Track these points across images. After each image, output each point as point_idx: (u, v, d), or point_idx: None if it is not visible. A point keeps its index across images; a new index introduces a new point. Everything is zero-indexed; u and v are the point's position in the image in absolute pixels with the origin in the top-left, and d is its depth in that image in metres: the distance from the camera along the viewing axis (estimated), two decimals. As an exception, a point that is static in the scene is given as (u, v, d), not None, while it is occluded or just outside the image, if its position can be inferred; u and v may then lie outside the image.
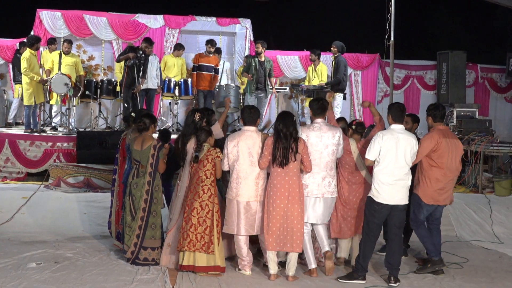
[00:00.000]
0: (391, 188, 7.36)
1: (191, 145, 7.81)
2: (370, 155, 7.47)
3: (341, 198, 8.03)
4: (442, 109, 8.19)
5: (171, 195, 8.52)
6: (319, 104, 7.89)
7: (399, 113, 7.59)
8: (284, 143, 7.42)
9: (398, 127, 7.53)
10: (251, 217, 7.64)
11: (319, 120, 7.83)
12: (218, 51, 14.91)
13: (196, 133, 7.79)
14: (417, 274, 7.99)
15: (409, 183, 7.51)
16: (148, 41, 13.27)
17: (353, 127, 8.24)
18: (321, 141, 7.66)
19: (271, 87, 14.02)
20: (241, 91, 14.26)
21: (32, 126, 12.94)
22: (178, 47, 15.03)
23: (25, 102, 13.04)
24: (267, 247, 7.53)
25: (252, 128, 7.75)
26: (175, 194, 8.08)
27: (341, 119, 9.03)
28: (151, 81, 13.80)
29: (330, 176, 7.72)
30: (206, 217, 7.52)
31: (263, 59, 13.52)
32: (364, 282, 7.53)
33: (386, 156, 7.36)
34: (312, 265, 7.74)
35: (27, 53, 12.84)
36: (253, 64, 13.44)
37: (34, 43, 12.97)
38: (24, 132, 12.79)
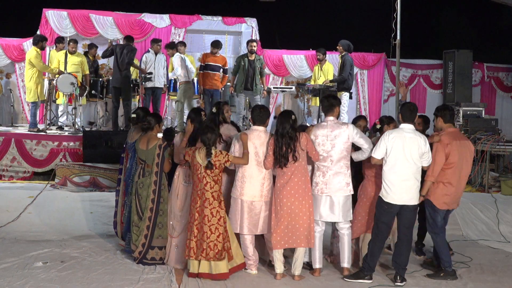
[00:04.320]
0: (399, 187, 7.34)
1: (198, 149, 7.57)
2: (376, 153, 7.46)
3: (367, 196, 8.02)
4: (452, 109, 8.17)
5: None
6: (328, 102, 7.89)
7: (408, 113, 7.56)
8: (281, 142, 7.43)
9: (407, 127, 7.50)
10: (255, 216, 7.63)
11: (329, 118, 7.81)
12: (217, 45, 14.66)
13: (201, 136, 7.47)
14: (422, 274, 7.98)
15: (419, 183, 7.46)
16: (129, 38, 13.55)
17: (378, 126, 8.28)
18: (327, 140, 7.64)
19: (261, 86, 13.77)
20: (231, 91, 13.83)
21: (32, 125, 13.02)
22: (178, 45, 14.98)
23: (31, 99, 13.06)
24: (275, 246, 7.51)
25: (261, 128, 7.73)
26: (173, 195, 8.04)
27: (361, 117, 9.00)
28: (158, 80, 13.82)
29: (341, 173, 7.67)
30: (218, 224, 7.39)
31: (253, 58, 13.38)
32: (370, 281, 7.52)
33: (393, 155, 7.35)
34: (317, 265, 7.74)
35: (33, 51, 12.89)
36: (242, 64, 13.28)
37: (39, 41, 13.03)
38: (29, 131, 12.81)
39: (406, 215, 7.46)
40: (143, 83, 13.69)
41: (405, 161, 7.33)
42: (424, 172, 7.65)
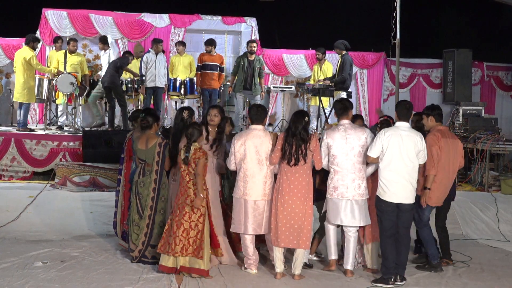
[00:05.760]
0: (395, 185, 7.35)
1: (182, 144, 7.66)
2: (372, 152, 7.49)
3: None
4: (440, 109, 8.32)
5: None
6: (341, 105, 7.92)
7: (405, 111, 7.61)
8: (293, 141, 7.43)
9: (402, 125, 7.53)
10: (259, 216, 7.63)
11: (344, 121, 7.83)
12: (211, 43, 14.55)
13: (186, 132, 7.56)
14: (423, 273, 8.00)
15: (415, 181, 7.48)
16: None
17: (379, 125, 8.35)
18: (346, 143, 7.65)
19: (260, 86, 13.74)
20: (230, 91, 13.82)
21: (24, 125, 13.05)
22: (177, 45, 15.03)
23: (25, 100, 13.08)
24: (274, 243, 7.53)
25: (260, 126, 7.74)
26: (171, 194, 8.05)
27: (358, 117, 9.09)
28: (159, 79, 13.83)
29: (359, 178, 7.68)
30: (198, 221, 7.40)
31: (253, 58, 13.37)
32: (391, 286, 7.46)
33: (389, 153, 7.37)
34: (333, 256, 7.91)
35: (29, 51, 12.90)
36: (242, 64, 13.28)
37: (32, 41, 13.11)
38: (21, 130, 12.82)
39: (403, 215, 7.46)
40: (142, 84, 13.74)
41: (400, 159, 7.35)
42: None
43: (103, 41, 14.06)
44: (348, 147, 7.65)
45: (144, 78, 13.63)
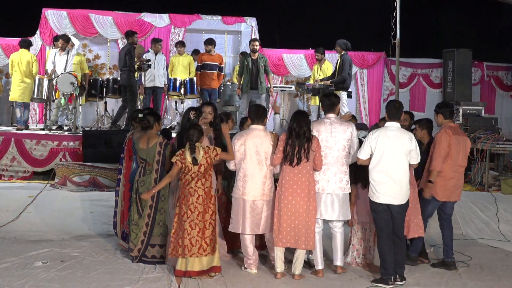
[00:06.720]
0: (386, 186, 7.33)
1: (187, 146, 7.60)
2: (361, 154, 7.48)
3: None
4: (451, 106, 8.38)
5: None
6: (329, 100, 7.91)
7: (394, 111, 7.56)
8: (296, 142, 7.43)
9: (392, 125, 7.49)
10: (257, 216, 7.63)
11: (330, 115, 7.83)
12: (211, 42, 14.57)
13: (187, 134, 7.50)
14: (423, 273, 8.00)
15: (405, 182, 7.45)
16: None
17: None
18: (331, 136, 7.65)
19: (265, 84, 13.75)
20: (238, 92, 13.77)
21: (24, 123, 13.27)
22: (177, 45, 15.04)
23: (28, 100, 13.34)
24: (277, 244, 7.50)
25: (260, 127, 7.73)
26: (173, 194, 8.02)
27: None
28: (158, 80, 13.84)
29: (341, 172, 7.68)
30: (211, 219, 7.39)
31: (256, 57, 13.37)
32: (392, 287, 7.45)
33: (378, 154, 7.35)
34: (319, 266, 7.72)
35: (31, 54, 13.00)
36: (246, 64, 13.29)
37: (29, 45, 13.26)
38: (22, 130, 12.88)
39: (395, 218, 7.43)
40: (150, 67, 13.62)
41: (388, 160, 7.33)
42: (416, 171, 7.93)
43: (67, 40, 13.62)
44: (333, 140, 7.66)
45: (150, 64, 13.55)
